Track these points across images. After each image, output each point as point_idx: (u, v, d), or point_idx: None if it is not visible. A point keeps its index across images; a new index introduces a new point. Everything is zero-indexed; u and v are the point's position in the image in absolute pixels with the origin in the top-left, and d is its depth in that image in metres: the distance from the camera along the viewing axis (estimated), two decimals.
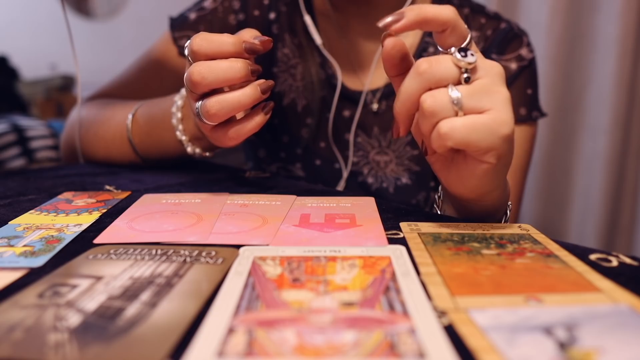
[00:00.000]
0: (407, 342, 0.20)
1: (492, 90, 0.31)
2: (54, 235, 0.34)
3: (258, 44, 0.40)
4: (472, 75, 0.31)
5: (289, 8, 0.63)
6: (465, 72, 0.31)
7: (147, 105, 0.56)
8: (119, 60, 1.24)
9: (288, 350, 0.20)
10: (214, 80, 0.38)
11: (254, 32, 0.42)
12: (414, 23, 0.32)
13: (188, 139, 0.51)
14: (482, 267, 0.29)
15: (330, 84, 0.63)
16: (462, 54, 0.31)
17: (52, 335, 0.21)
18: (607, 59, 1.24)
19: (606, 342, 0.21)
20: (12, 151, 1.32)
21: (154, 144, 0.54)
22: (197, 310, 0.23)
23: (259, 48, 0.40)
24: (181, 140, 0.51)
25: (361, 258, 0.29)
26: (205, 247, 0.32)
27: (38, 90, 2.42)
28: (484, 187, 0.35)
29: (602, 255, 0.31)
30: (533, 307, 0.24)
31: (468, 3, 0.63)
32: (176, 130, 0.51)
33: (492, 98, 0.31)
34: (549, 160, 1.35)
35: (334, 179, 0.64)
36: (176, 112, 0.50)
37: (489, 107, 0.31)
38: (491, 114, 0.31)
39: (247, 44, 0.39)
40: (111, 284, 0.26)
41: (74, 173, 0.55)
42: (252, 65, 0.39)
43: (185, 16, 0.65)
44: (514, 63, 0.60)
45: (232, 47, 0.39)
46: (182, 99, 0.51)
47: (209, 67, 0.38)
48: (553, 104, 1.29)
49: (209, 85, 0.38)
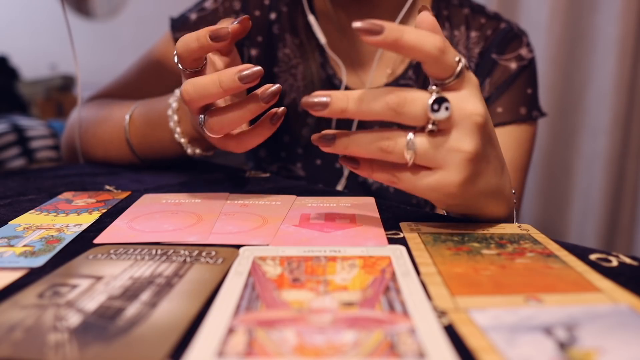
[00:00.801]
0: (407, 342, 0.20)
1: (453, 147, 0.30)
2: (54, 235, 0.34)
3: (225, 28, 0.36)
4: (440, 126, 0.30)
5: (289, 8, 0.63)
6: (432, 124, 0.30)
7: (144, 106, 0.56)
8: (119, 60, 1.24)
9: (288, 350, 0.20)
10: (199, 98, 0.36)
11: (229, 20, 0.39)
12: (389, 44, 0.29)
13: (187, 140, 0.51)
14: (482, 267, 0.29)
15: (331, 83, 0.63)
16: (436, 107, 0.29)
17: (52, 335, 0.21)
18: (607, 59, 1.24)
19: (606, 342, 0.21)
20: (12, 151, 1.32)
21: (153, 145, 0.54)
22: (197, 310, 0.23)
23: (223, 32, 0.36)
24: (180, 142, 0.51)
25: (361, 258, 0.29)
26: (205, 247, 0.32)
27: (38, 90, 2.42)
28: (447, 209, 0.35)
29: (602, 255, 0.31)
30: (533, 307, 0.24)
31: (468, 3, 0.64)
32: (174, 133, 0.51)
33: (449, 156, 0.30)
34: (549, 160, 1.35)
35: (335, 178, 0.64)
36: (172, 115, 0.50)
37: (440, 165, 0.30)
38: (438, 174, 0.31)
39: (211, 32, 0.36)
40: (111, 284, 0.26)
41: (74, 173, 0.55)
42: (249, 70, 0.35)
43: (185, 17, 0.65)
44: (514, 63, 0.60)
45: (196, 43, 0.36)
46: (177, 101, 0.50)
47: (193, 85, 0.36)
48: (553, 104, 1.29)
49: (198, 103, 0.37)
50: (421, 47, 0.29)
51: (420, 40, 0.29)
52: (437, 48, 0.29)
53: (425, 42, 0.29)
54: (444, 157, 0.30)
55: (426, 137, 0.30)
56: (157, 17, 1.63)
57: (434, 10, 0.62)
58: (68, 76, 2.51)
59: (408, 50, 0.29)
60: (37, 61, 2.53)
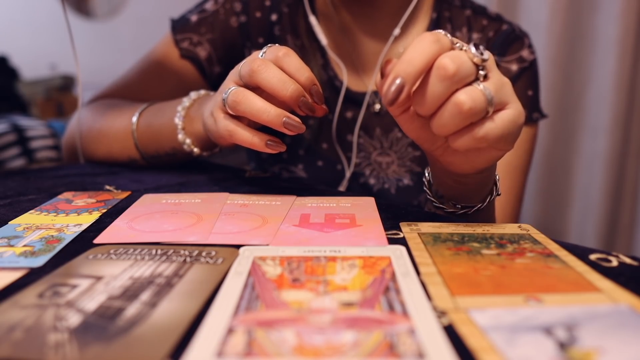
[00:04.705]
0: (406, 343, 0.20)
1: (503, 82, 0.32)
2: (54, 235, 0.34)
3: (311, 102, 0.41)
4: (486, 69, 0.32)
5: (290, 9, 0.63)
6: (481, 69, 0.31)
7: (155, 108, 0.57)
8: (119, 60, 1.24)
9: (287, 351, 0.20)
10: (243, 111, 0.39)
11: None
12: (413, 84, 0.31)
13: (191, 141, 0.52)
14: (482, 267, 0.29)
15: (333, 85, 0.63)
16: (478, 51, 0.31)
17: (52, 335, 0.21)
18: (607, 59, 1.24)
19: (606, 342, 0.21)
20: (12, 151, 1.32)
21: (154, 139, 0.55)
22: (197, 311, 0.23)
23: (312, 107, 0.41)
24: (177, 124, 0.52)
25: (361, 258, 0.29)
26: (205, 247, 0.32)
27: (38, 90, 2.42)
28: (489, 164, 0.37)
29: (602, 255, 0.31)
30: (533, 307, 0.24)
31: (470, 4, 0.63)
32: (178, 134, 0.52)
33: (507, 91, 0.32)
34: (549, 160, 1.35)
35: (336, 180, 0.64)
36: (181, 111, 0.52)
37: (508, 101, 0.32)
38: (512, 108, 0.32)
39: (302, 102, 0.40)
40: (111, 284, 0.26)
41: (74, 173, 0.55)
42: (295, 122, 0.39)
43: (186, 18, 0.65)
44: (515, 65, 0.60)
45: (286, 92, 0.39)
46: (190, 100, 0.52)
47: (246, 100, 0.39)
48: (553, 104, 1.29)
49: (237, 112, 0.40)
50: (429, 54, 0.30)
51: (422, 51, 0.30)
52: (433, 41, 0.31)
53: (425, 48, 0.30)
54: (505, 93, 0.32)
55: (490, 84, 0.31)
56: (157, 17, 1.64)
57: (436, 11, 0.62)
58: (68, 76, 2.52)
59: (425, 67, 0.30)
60: (37, 61, 2.53)
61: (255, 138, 0.40)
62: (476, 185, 0.40)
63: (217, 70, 0.65)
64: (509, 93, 0.32)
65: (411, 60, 0.30)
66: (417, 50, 0.30)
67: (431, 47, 0.30)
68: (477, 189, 0.41)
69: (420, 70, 0.30)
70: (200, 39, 0.63)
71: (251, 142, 0.40)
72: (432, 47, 0.30)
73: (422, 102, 0.31)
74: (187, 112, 0.51)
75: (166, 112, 0.53)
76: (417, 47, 0.30)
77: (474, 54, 0.31)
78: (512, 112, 0.32)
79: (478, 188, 0.41)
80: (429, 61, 0.30)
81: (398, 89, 0.30)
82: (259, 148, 0.40)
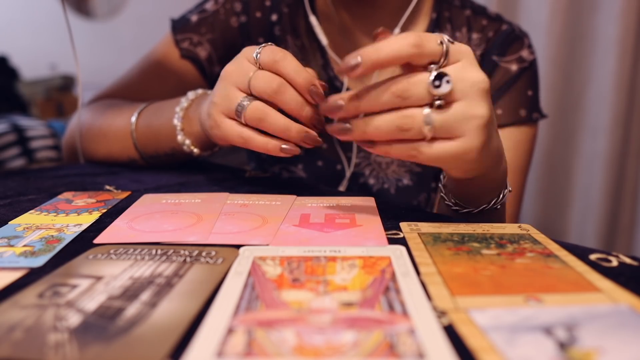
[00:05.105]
0: (406, 343, 0.20)
1: (468, 114, 0.31)
2: (54, 235, 0.34)
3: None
4: (447, 99, 0.31)
5: (291, 9, 0.63)
6: (438, 99, 0.31)
7: (154, 107, 0.56)
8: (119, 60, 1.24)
9: (287, 351, 0.20)
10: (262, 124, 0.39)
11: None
12: (372, 68, 0.31)
13: (191, 142, 0.52)
14: (482, 267, 0.29)
15: (333, 85, 0.63)
16: (437, 83, 0.31)
17: (52, 335, 0.21)
18: (607, 59, 1.24)
19: (606, 342, 0.21)
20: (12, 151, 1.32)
21: (155, 136, 0.55)
22: (197, 311, 0.23)
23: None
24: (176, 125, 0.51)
25: (361, 258, 0.29)
26: (205, 247, 0.32)
27: (38, 90, 2.42)
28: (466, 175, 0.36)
29: (602, 255, 0.31)
30: (533, 307, 0.24)
31: (470, 4, 0.63)
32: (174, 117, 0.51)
33: (466, 124, 0.32)
34: (549, 160, 1.35)
35: (336, 180, 0.64)
36: (179, 112, 0.51)
37: (459, 135, 0.32)
38: (461, 142, 0.32)
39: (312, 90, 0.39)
40: (111, 284, 0.26)
41: (74, 173, 0.55)
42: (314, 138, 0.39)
43: (186, 18, 0.65)
44: (515, 65, 0.60)
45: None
46: (188, 101, 0.51)
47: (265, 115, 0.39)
48: (553, 104, 1.29)
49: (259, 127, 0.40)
50: (399, 53, 0.31)
51: (394, 48, 0.31)
52: (413, 45, 0.31)
53: (401, 48, 0.31)
54: (461, 125, 0.32)
55: (441, 110, 0.31)
56: (157, 17, 1.63)
57: (436, 11, 0.62)
58: (68, 76, 2.51)
59: (390, 63, 0.31)
60: (37, 61, 2.53)
61: (270, 144, 0.40)
62: (479, 189, 0.40)
63: (217, 70, 0.65)
64: (468, 128, 0.32)
65: (379, 50, 0.31)
66: (392, 44, 0.31)
67: (406, 49, 0.31)
68: (481, 193, 0.40)
69: (381, 63, 0.31)
70: (200, 39, 0.63)
71: (267, 148, 0.40)
72: (407, 49, 0.31)
73: (367, 97, 0.32)
74: (186, 112, 0.51)
75: (165, 113, 0.53)
76: (395, 42, 0.31)
77: (432, 88, 0.31)
78: (457, 146, 0.32)
79: (482, 192, 0.40)
80: (395, 60, 0.31)
81: (352, 66, 0.31)
82: (274, 153, 0.40)
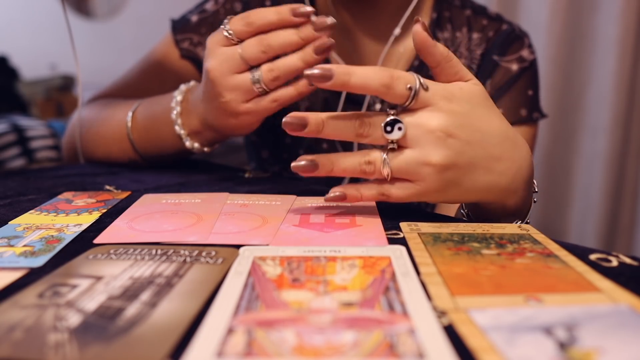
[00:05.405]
0: (406, 343, 0.20)
1: (422, 161, 0.34)
2: (54, 235, 0.34)
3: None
4: (401, 144, 0.34)
5: None
6: (391, 143, 0.34)
7: (147, 102, 0.56)
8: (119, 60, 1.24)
9: (287, 351, 0.20)
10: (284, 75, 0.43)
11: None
12: (339, 87, 0.33)
13: (187, 133, 0.52)
14: (482, 267, 0.29)
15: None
16: (389, 129, 0.33)
17: (52, 335, 0.21)
18: (607, 59, 1.24)
19: (606, 342, 0.21)
20: (12, 151, 1.32)
21: (153, 139, 0.55)
22: (197, 311, 0.23)
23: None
24: (180, 134, 0.52)
25: (361, 258, 0.29)
26: (205, 247, 0.32)
27: (38, 90, 2.42)
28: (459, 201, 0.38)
29: (602, 255, 0.31)
30: (533, 307, 0.24)
31: (470, 4, 0.63)
32: (175, 125, 0.51)
33: (420, 170, 0.34)
34: (549, 160, 1.35)
35: (336, 180, 0.64)
36: (175, 107, 0.51)
37: (416, 178, 0.34)
38: (417, 185, 0.35)
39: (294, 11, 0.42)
40: (111, 284, 0.26)
41: (74, 173, 0.55)
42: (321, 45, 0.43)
43: (186, 18, 0.65)
44: (515, 64, 0.60)
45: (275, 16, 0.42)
46: (182, 94, 0.52)
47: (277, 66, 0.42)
48: (553, 104, 1.29)
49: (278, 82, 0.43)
50: (368, 86, 0.33)
51: (366, 80, 0.33)
52: (383, 85, 0.33)
53: (371, 82, 0.33)
54: (416, 170, 0.34)
55: (398, 154, 0.34)
56: (157, 17, 1.63)
57: (436, 11, 0.62)
58: (68, 76, 2.51)
59: (357, 90, 0.33)
60: (37, 61, 2.53)
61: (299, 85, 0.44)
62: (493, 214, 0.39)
63: None
64: (423, 173, 0.34)
65: (351, 75, 0.33)
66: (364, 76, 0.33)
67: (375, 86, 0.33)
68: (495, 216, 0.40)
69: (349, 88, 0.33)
70: (200, 39, 0.63)
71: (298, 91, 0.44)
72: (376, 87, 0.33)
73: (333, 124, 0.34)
74: (183, 107, 0.51)
75: (162, 108, 0.53)
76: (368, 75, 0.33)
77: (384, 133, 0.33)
78: (417, 189, 0.35)
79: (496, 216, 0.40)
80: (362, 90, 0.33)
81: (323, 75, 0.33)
82: (306, 90, 0.44)
